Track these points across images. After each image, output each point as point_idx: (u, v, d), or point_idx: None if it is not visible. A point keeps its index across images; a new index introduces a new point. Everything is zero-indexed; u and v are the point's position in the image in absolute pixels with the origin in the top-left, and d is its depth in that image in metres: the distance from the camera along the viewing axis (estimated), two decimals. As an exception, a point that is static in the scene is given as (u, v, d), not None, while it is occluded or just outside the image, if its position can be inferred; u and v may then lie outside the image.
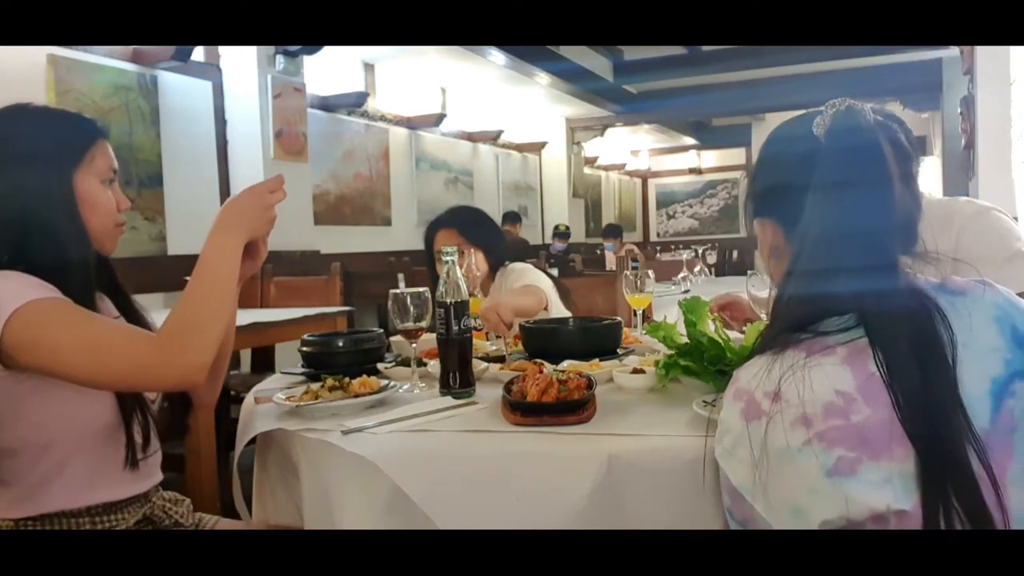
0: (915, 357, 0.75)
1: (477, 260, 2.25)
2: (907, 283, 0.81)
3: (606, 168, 11.15)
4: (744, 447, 0.78)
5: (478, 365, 1.47)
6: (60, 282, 1.11)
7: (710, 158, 12.27)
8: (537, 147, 8.74)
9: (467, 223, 2.33)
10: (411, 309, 1.42)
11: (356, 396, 1.31)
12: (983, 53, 4.44)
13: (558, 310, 2.21)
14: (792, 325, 0.81)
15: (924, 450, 0.72)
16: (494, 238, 2.38)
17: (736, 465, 0.79)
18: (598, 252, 7.98)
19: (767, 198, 0.93)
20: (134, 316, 1.30)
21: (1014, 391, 0.76)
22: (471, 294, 1.55)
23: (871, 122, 0.85)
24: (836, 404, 0.74)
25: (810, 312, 0.81)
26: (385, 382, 1.38)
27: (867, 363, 0.75)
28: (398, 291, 1.44)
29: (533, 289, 2.15)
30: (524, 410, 1.16)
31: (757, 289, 1.59)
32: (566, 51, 7.45)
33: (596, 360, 1.51)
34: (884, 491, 0.72)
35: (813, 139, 0.85)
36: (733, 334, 1.30)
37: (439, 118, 6.50)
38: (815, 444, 0.73)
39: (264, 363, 3.62)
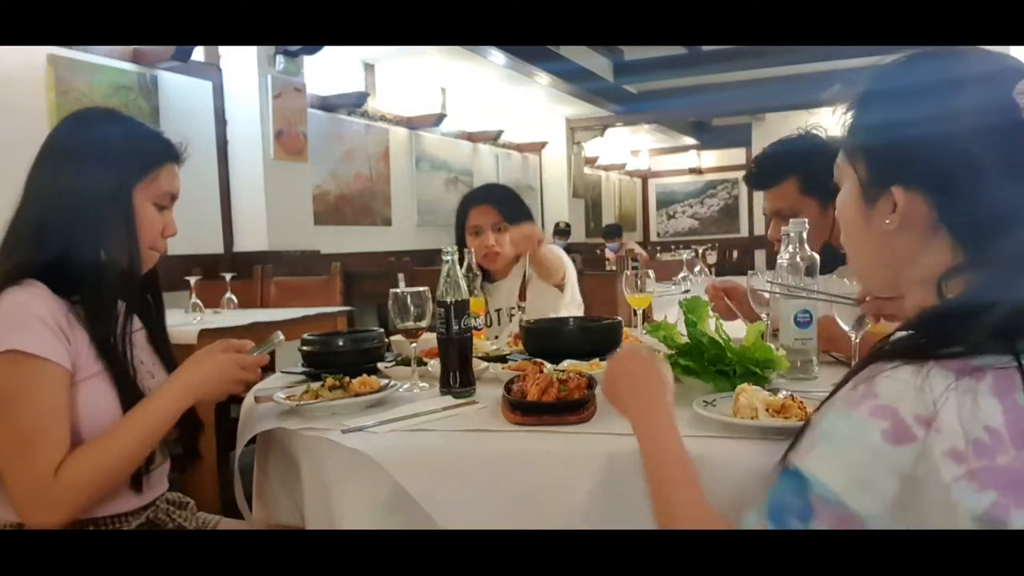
0: None
1: (507, 241, 2.24)
2: None
3: (606, 168, 11.15)
4: (884, 472, 0.66)
5: (478, 364, 1.47)
6: (96, 285, 1.15)
7: (710, 158, 12.26)
8: (537, 147, 8.74)
9: (504, 199, 2.29)
10: (411, 308, 1.42)
11: (356, 395, 1.31)
12: (983, 53, 4.44)
13: (572, 295, 2.21)
14: (959, 337, 0.67)
15: None
16: (529, 218, 2.30)
17: (862, 492, 0.67)
18: (598, 252, 7.98)
19: (920, 164, 0.74)
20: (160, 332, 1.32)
21: None
22: (471, 293, 1.55)
23: None
24: (984, 441, 0.63)
25: (997, 327, 0.66)
26: (385, 381, 1.39)
27: (1015, 394, 0.64)
28: (398, 290, 1.44)
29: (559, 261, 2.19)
30: (524, 409, 1.16)
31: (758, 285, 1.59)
32: (566, 51, 7.44)
33: (596, 360, 1.51)
34: None
35: (1013, 113, 0.69)
36: (732, 333, 1.30)
37: (439, 118, 6.49)
38: (967, 482, 0.63)
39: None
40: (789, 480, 0.71)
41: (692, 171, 12.33)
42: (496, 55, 6.07)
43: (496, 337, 2.07)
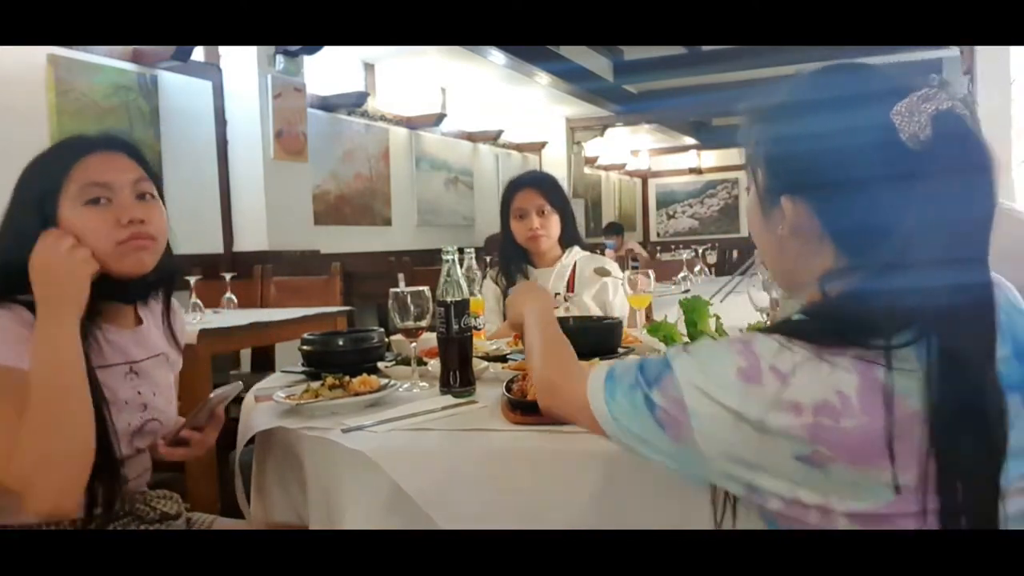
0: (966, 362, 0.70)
1: (551, 224, 2.32)
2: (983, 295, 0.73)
3: (606, 168, 11.14)
4: (722, 394, 0.74)
5: (478, 364, 1.47)
6: None
7: (710, 158, 12.25)
8: (537, 147, 8.73)
9: (548, 184, 2.37)
10: (411, 308, 1.43)
11: (356, 395, 1.31)
12: (983, 53, 4.44)
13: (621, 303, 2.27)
14: (835, 331, 0.73)
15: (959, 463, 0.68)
16: (571, 210, 2.42)
17: (700, 397, 0.76)
18: (598, 251, 7.97)
19: (807, 175, 0.80)
20: None
21: None
22: (471, 293, 1.55)
23: (973, 127, 0.75)
24: (831, 405, 0.70)
25: (866, 325, 0.72)
26: (385, 381, 1.39)
27: (875, 369, 0.70)
28: (398, 290, 1.44)
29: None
30: (524, 409, 1.16)
31: (757, 289, 1.59)
32: (566, 51, 7.43)
33: (596, 360, 1.51)
34: (840, 489, 0.71)
35: (891, 130, 0.74)
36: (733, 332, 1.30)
37: (439, 118, 6.49)
38: (795, 432, 0.71)
39: (264, 362, 3.62)
40: (664, 359, 0.82)
41: (692, 171, 12.31)
42: (496, 55, 6.07)
43: None
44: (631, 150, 11.78)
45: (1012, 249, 1.61)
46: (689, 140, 11.72)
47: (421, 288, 1.44)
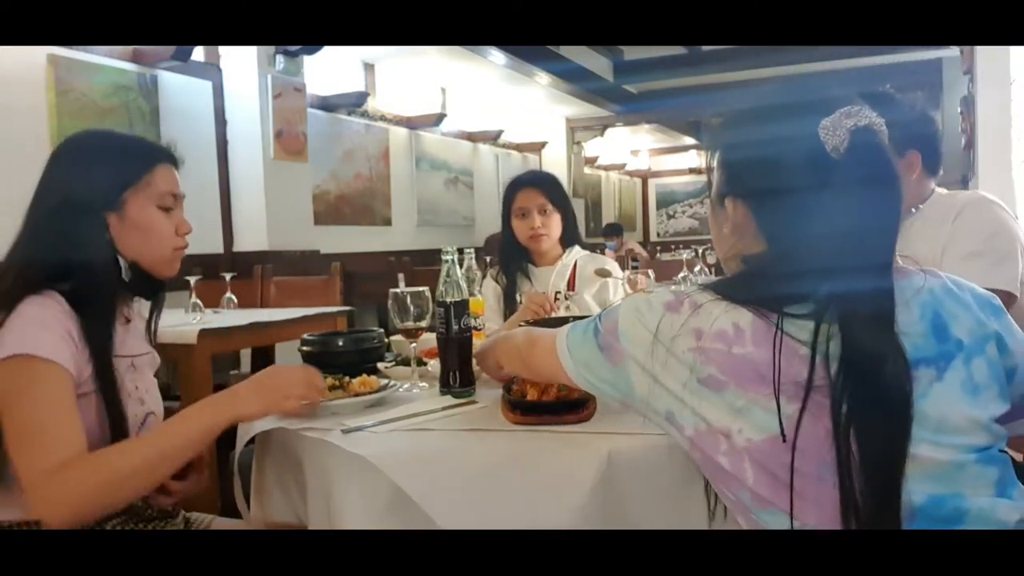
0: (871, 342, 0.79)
1: (553, 223, 2.31)
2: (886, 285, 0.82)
3: (606, 168, 11.13)
4: (651, 319, 0.88)
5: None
6: (89, 301, 1.15)
7: (710, 158, 12.24)
8: (537, 147, 8.72)
9: (550, 184, 2.36)
10: (411, 308, 1.43)
11: (356, 395, 1.31)
12: (983, 53, 4.44)
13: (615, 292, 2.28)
14: (745, 293, 0.85)
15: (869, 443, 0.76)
16: (572, 209, 2.41)
17: (636, 322, 0.89)
18: (598, 251, 7.96)
19: (747, 181, 0.91)
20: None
21: (916, 376, 0.79)
22: (471, 293, 1.55)
23: (886, 144, 0.84)
24: (727, 333, 0.82)
25: (768, 291, 0.84)
26: (385, 381, 1.39)
27: (769, 317, 0.81)
28: (398, 290, 1.44)
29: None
30: (524, 409, 1.16)
31: None
32: (566, 51, 7.43)
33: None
34: (737, 416, 0.81)
35: (818, 143, 0.83)
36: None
37: (439, 118, 6.48)
38: (696, 354, 0.83)
39: (264, 363, 3.62)
40: (615, 308, 0.95)
41: (692, 171, 12.30)
42: (496, 55, 6.06)
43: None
44: (631, 150, 11.77)
45: (998, 231, 1.64)
46: (689, 140, 11.72)
47: (421, 288, 1.44)
